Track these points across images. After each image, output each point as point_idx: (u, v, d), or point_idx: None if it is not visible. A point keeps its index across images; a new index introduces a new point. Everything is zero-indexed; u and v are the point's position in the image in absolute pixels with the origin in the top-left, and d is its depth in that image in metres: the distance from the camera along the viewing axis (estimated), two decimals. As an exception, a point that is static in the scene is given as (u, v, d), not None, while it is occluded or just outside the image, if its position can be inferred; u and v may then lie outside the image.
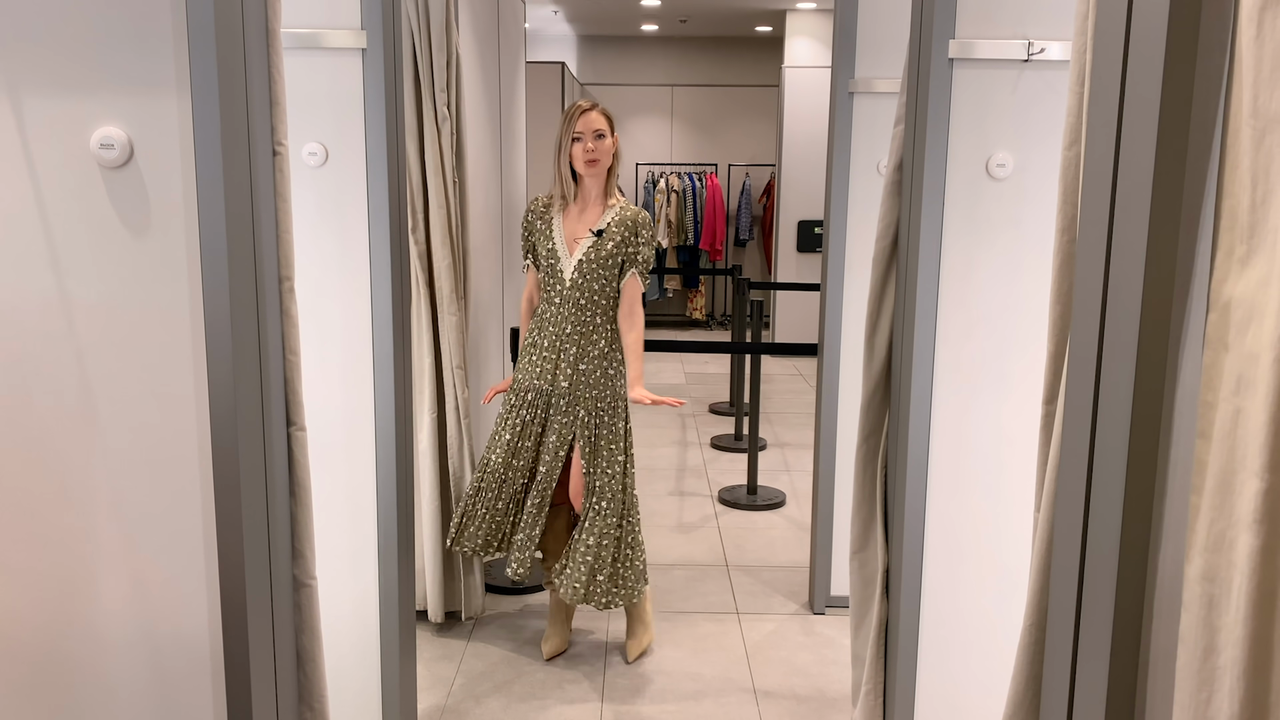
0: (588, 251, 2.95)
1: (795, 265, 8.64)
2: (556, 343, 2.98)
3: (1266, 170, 0.83)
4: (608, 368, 2.98)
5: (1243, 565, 0.82)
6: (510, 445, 3.00)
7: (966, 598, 2.23)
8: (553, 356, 2.98)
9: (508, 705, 2.91)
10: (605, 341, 2.99)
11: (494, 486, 3.00)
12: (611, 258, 2.96)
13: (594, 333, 2.98)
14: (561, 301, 2.98)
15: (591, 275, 2.95)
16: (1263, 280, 0.83)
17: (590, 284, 2.95)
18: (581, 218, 3.01)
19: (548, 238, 3.01)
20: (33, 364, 1.40)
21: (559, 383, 2.97)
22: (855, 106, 3.27)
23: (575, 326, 2.97)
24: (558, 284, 2.98)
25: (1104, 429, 1.04)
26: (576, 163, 2.96)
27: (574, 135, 2.95)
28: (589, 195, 3.01)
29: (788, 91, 8.47)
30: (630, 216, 2.99)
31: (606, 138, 2.96)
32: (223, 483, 1.39)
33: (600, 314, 2.98)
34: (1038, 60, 2.06)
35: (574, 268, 2.96)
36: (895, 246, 2.16)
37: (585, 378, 2.96)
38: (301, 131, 2.27)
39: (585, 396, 2.96)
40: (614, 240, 2.96)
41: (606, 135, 2.96)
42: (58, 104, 1.35)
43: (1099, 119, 1.05)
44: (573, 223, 3.00)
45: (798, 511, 4.64)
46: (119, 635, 1.47)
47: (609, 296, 2.99)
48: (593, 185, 3.00)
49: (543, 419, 3.00)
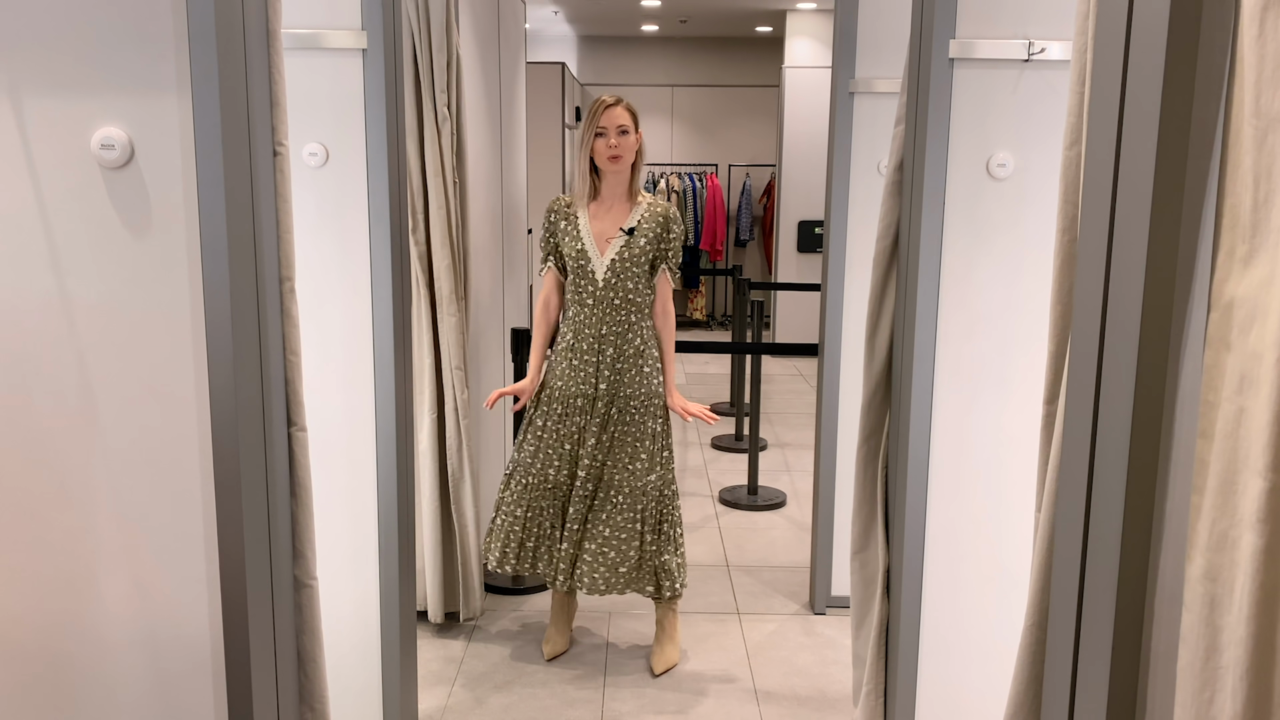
0: (620, 250, 2.92)
1: (796, 265, 8.64)
2: (595, 345, 2.94)
3: (1269, 170, 0.83)
4: (643, 365, 2.95)
5: (1245, 565, 0.82)
6: (571, 455, 2.96)
7: (967, 598, 2.23)
8: (593, 359, 2.94)
9: (509, 706, 2.91)
10: (641, 340, 2.96)
11: (556, 503, 2.98)
12: (644, 255, 2.93)
13: (629, 331, 2.95)
14: (595, 303, 2.94)
15: (625, 274, 2.92)
16: (1265, 280, 0.83)
17: (624, 283, 2.92)
18: (609, 215, 2.97)
19: (575, 238, 2.95)
20: (33, 364, 1.40)
21: (599, 385, 2.94)
22: (856, 106, 3.27)
23: (611, 327, 2.94)
24: (589, 285, 2.94)
25: (1105, 429, 1.04)
26: (599, 158, 2.92)
27: (597, 130, 2.91)
28: (614, 192, 2.97)
29: (788, 92, 8.47)
30: (660, 212, 2.97)
31: (630, 133, 2.92)
32: (223, 483, 1.39)
33: (635, 312, 2.95)
34: (1038, 60, 2.06)
35: (606, 267, 2.92)
36: (896, 247, 2.16)
37: (621, 376, 2.94)
38: (302, 132, 2.26)
39: (619, 395, 2.94)
40: (646, 237, 2.93)
41: (630, 131, 2.92)
42: (58, 104, 1.35)
43: (1100, 119, 1.05)
44: (600, 221, 2.96)
45: (798, 512, 4.64)
46: (120, 636, 1.47)
47: (643, 295, 2.95)
48: (617, 182, 2.96)
49: (583, 423, 2.97)
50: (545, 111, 8.05)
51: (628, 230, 2.93)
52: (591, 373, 2.95)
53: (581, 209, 2.98)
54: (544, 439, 2.99)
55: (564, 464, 2.97)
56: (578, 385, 2.96)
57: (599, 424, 2.95)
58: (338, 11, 2.24)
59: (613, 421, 2.95)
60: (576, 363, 2.96)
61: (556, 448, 2.98)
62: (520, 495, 3.00)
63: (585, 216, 2.97)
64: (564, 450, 2.97)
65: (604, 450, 2.96)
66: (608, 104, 2.92)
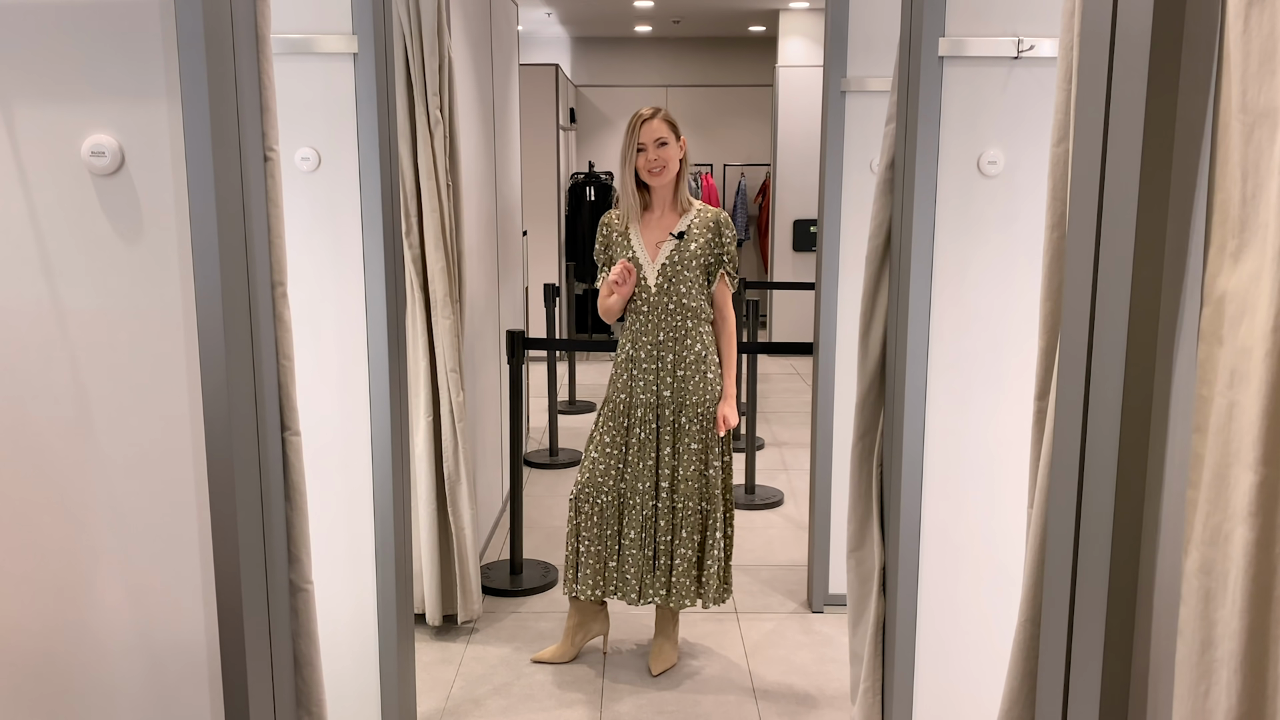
0: (670, 255, 2.92)
1: (791, 264, 8.65)
2: (654, 352, 2.94)
3: (1256, 164, 0.83)
4: (706, 372, 2.94)
5: (1239, 559, 0.83)
6: (640, 468, 2.95)
7: (962, 594, 2.23)
8: (653, 367, 2.94)
9: (507, 707, 2.91)
10: (701, 345, 2.94)
11: (633, 518, 2.97)
12: (695, 259, 2.92)
13: (687, 337, 2.93)
14: (650, 310, 2.93)
15: (677, 278, 2.91)
16: (1255, 274, 0.83)
17: (676, 287, 2.91)
18: (659, 224, 2.97)
19: (626, 248, 2.96)
20: (26, 372, 1.40)
21: (662, 393, 2.94)
22: (848, 105, 3.27)
23: (667, 333, 2.93)
24: (642, 291, 2.94)
25: (1095, 424, 1.04)
26: (642, 173, 2.92)
27: (638, 146, 2.91)
28: (663, 202, 2.98)
29: (782, 91, 8.47)
30: (712, 217, 2.96)
31: (670, 144, 2.91)
32: (218, 488, 1.38)
33: (690, 317, 2.94)
34: (1028, 57, 2.06)
35: (658, 272, 2.92)
36: (888, 244, 2.17)
37: (684, 384, 2.93)
38: (294, 136, 2.26)
39: (687, 403, 2.93)
40: (697, 242, 2.93)
41: (670, 142, 2.91)
42: (48, 112, 1.35)
43: (1086, 115, 1.05)
44: (651, 230, 2.97)
45: (796, 510, 4.65)
46: (116, 642, 1.47)
47: (697, 299, 2.94)
48: (663, 193, 2.96)
49: (656, 432, 2.96)
50: (539, 113, 8.05)
51: (677, 234, 2.93)
52: (652, 380, 2.94)
53: (633, 223, 2.98)
54: (612, 454, 2.98)
55: (636, 478, 2.96)
56: (639, 395, 2.95)
57: (670, 434, 2.95)
58: (328, 16, 2.24)
59: (683, 431, 2.94)
60: (636, 373, 2.95)
61: (630, 462, 2.97)
62: (597, 518, 2.99)
63: (636, 227, 2.98)
64: (634, 464, 2.96)
65: (679, 460, 2.95)
66: (645, 118, 2.92)
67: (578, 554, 3.02)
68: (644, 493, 2.96)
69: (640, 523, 2.97)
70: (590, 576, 3.01)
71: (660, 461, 2.95)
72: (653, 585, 2.99)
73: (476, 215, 3.81)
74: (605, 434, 2.99)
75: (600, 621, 3.18)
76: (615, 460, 2.98)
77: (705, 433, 2.95)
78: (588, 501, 2.99)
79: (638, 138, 2.90)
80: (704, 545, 2.99)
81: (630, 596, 3.00)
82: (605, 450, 2.98)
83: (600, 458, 2.98)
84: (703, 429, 2.95)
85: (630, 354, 2.97)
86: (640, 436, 2.95)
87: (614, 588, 3.02)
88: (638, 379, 2.95)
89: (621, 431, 2.98)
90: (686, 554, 2.97)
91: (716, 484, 2.97)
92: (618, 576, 3.01)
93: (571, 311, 8.00)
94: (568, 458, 5.37)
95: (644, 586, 3.00)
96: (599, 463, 2.98)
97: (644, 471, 2.96)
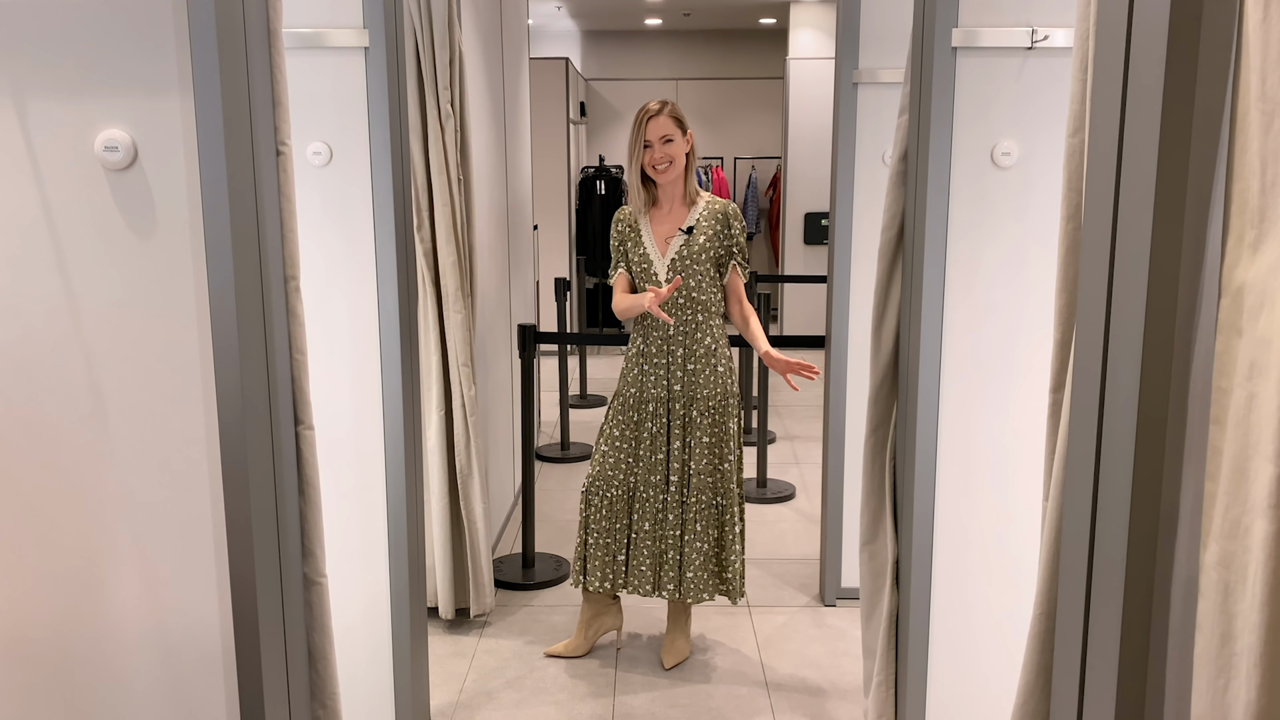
0: (680, 249, 2.92)
1: (802, 258, 8.62)
2: (664, 346, 2.94)
3: (1276, 154, 0.83)
4: (716, 365, 2.94)
5: (1258, 551, 0.82)
6: (652, 462, 2.96)
7: (976, 587, 2.23)
8: (663, 361, 2.94)
9: (520, 700, 2.92)
10: (711, 339, 2.94)
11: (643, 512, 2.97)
12: (705, 252, 2.92)
13: (697, 330, 2.94)
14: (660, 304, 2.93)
15: (687, 272, 2.91)
16: (1274, 265, 0.83)
17: (686, 281, 2.92)
18: (668, 219, 2.98)
19: (638, 244, 2.98)
20: (41, 367, 1.41)
21: (673, 387, 2.94)
22: (860, 97, 3.26)
23: (678, 327, 2.94)
24: (653, 285, 2.95)
25: (1111, 416, 1.03)
26: (648, 170, 2.93)
27: (644, 143, 2.91)
28: (672, 197, 2.98)
29: (793, 83, 8.44)
30: (719, 209, 2.96)
31: (675, 140, 2.91)
32: (232, 482, 1.39)
33: (701, 311, 2.94)
34: (1041, 48, 2.04)
35: (668, 266, 2.93)
36: (901, 237, 2.16)
37: (695, 378, 2.93)
38: (306, 131, 2.27)
39: (698, 397, 2.93)
40: (705, 234, 2.93)
41: (675, 138, 2.91)
42: (61, 107, 1.35)
43: (1102, 106, 1.04)
44: (661, 224, 2.98)
45: (808, 504, 4.64)
46: (131, 635, 1.48)
47: (707, 292, 2.94)
48: (671, 187, 2.96)
49: (666, 426, 2.97)
50: (549, 107, 8.04)
51: (686, 229, 2.93)
52: (663, 374, 2.94)
53: (642, 218, 2.99)
54: (622, 449, 2.99)
55: (647, 471, 2.97)
56: (650, 389, 2.95)
57: (680, 427, 2.95)
58: (339, 10, 2.24)
59: (694, 425, 2.95)
60: (647, 367, 2.96)
61: (641, 456, 2.97)
62: (607, 511, 2.99)
63: (646, 224, 2.98)
64: (645, 458, 2.97)
65: (690, 454, 2.96)
66: (650, 113, 2.91)
67: (586, 546, 3.03)
68: (655, 485, 2.96)
69: (652, 515, 2.97)
70: (599, 569, 3.01)
71: (670, 455, 2.95)
72: (664, 579, 2.99)
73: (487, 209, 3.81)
74: (615, 428, 2.99)
75: (613, 615, 3.18)
76: (626, 454, 2.98)
77: (719, 427, 2.95)
78: (598, 495, 2.99)
79: (643, 134, 2.90)
80: (722, 540, 2.99)
81: (644, 589, 3.01)
82: (615, 444, 2.98)
83: (610, 451, 2.98)
84: (714, 423, 2.94)
85: (641, 348, 2.97)
86: (651, 430, 2.96)
87: (624, 581, 3.02)
88: (648, 373, 2.95)
89: (632, 425, 2.98)
90: (702, 548, 2.96)
91: (731, 478, 2.97)
92: (627, 570, 3.01)
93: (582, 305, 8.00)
94: (579, 451, 5.37)
95: (658, 579, 3.00)
96: (609, 456, 2.98)
97: (655, 465, 2.96)
